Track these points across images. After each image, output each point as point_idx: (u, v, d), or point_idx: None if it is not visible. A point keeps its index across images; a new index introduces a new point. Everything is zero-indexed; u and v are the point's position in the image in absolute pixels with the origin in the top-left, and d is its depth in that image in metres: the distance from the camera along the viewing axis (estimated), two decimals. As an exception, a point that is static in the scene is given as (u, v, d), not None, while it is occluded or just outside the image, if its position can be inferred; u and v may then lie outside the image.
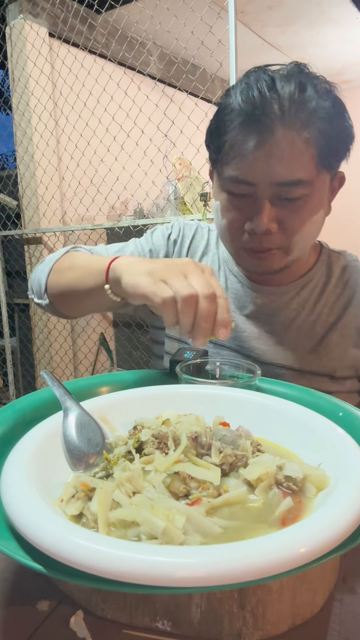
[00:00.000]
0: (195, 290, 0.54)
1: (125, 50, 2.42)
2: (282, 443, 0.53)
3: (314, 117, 0.66)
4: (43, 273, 0.82)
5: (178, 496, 0.42)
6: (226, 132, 0.69)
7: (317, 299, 0.82)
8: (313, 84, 0.67)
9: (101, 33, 2.67)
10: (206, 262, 0.90)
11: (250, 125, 0.66)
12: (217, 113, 0.72)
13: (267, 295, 0.83)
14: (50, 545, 0.33)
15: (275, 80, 0.66)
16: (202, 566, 0.31)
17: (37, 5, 2.52)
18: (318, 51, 3.35)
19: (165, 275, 0.55)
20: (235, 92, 0.68)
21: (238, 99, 0.67)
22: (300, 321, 0.81)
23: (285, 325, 0.82)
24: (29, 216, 2.67)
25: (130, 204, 2.71)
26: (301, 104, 0.65)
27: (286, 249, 0.73)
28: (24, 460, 0.44)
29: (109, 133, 2.37)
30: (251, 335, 0.83)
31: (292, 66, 0.68)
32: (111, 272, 0.64)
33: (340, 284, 0.83)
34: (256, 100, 0.65)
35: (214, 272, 0.85)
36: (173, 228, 0.93)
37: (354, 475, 0.41)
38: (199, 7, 2.00)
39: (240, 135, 0.67)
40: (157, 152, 2.21)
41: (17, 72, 2.54)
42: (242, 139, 0.67)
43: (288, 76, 0.66)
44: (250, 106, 0.66)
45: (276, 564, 0.31)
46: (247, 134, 0.67)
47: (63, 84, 2.48)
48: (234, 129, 0.68)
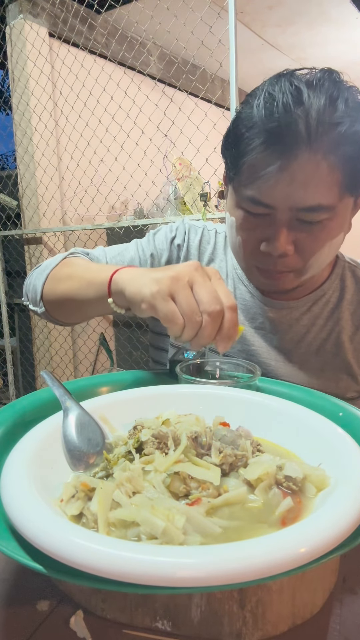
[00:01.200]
0: (201, 306, 0.52)
1: (125, 50, 2.42)
2: (282, 443, 0.53)
3: (342, 140, 0.61)
4: (39, 280, 0.79)
5: (178, 496, 0.42)
6: (246, 150, 0.65)
7: (329, 315, 0.79)
8: (344, 98, 0.61)
9: (101, 33, 2.67)
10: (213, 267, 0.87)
11: (273, 145, 0.62)
12: (237, 123, 0.67)
13: (277, 309, 0.80)
14: (50, 545, 0.33)
15: (302, 93, 0.60)
16: (202, 566, 0.31)
17: (37, 5, 2.52)
18: (318, 51, 3.35)
19: (171, 287, 0.53)
20: (259, 103, 0.62)
21: (261, 112, 0.62)
22: (310, 338, 0.79)
23: (295, 342, 0.79)
24: (29, 216, 2.67)
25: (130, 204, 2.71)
26: (330, 125, 0.60)
27: (300, 271, 0.71)
28: (24, 460, 0.44)
29: (109, 133, 2.37)
30: (259, 349, 0.81)
31: (322, 73, 0.62)
32: (113, 284, 0.61)
33: (355, 301, 0.79)
34: (280, 118, 0.60)
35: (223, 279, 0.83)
36: (178, 231, 0.88)
37: (354, 475, 0.41)
38: (199, 7, 2.00)
39: (261, 155, 0.63)
40: (157, 152, 2.22)
41: (17, 72, 2.54)
42: (263, 160, 0.63)
43: (317, 87, 0.61)
44: (274, 124, 0.61)
45: (276, 564, 0.31)
46: (268, 155, 0.62)
47: (63, 84, 2.48)
48: (255, 148, 0.63)
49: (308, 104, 0.60)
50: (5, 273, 2.83)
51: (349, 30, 3.04)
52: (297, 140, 0.60)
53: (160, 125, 2.10)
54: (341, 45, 3.27)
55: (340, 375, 0.78)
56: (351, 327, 0.79)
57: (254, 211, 0.67)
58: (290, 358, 0.79)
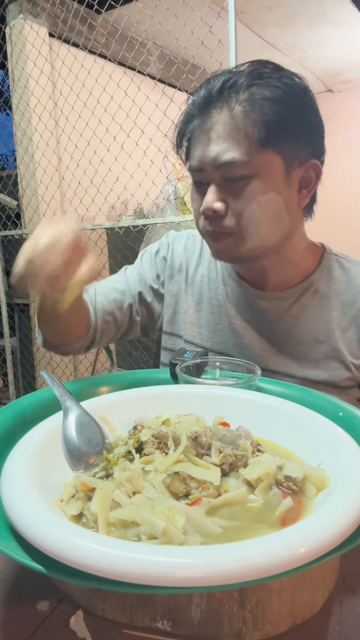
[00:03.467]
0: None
1: (125, 50, 2.42)
2: (282, 443, 0.53)
3: (249, 95, 0.69)
4: None
5: (178, 496, 0.42)
6: (184, 129, 0.76)
7: (319, 304, 0.80)
8: (258, 73, 0.70)
9: (101, 33, 2.67)
10: (202, 273, 0.90)
11: (196, 115, 0.73)
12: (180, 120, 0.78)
13: (267, 300, 0.82)
14: (50, 545, 0.33)
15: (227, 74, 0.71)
16: (202, 566, 0.31)
17: (37, 5, 2.52)
18: (318, 51, 3.35)
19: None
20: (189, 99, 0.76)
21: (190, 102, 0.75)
22: (301, 327, 0.80)
23: (286, 332, 0.81)
24: (29, 216, 2.67)
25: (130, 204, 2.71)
26: (235, 85, 0.69)
27: (239, 233, 0.73)
28: (24, 460, 0.44)
29: (109, 133, 2.37)
30: (252, 342, 0.83)
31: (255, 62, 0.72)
32: None
33: (343, 290, 0.81)
34: (197, 97, 0.73)
35: (212, 280, 0.88)
36: (162, 245, 0.95)
37: (354, 475, 0.41)
38: (199, 7, 2.00)
39: (191, 126, 0.74)
40: (157, 152, 2.21)
41: (17, 72, 2.54)
42: (192, 128, 0.74)
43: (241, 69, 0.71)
44: (194, 104, 0.74)
45: (276, 564, 0.31)
46: (194, 123, 0.74)
47: (63, 84, 2.47)
48: (188, 123, 0.75)
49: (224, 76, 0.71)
50: (5, 273, 2.83)
51: (349, 30, 3.04)
52: (208, 104, 0.71)
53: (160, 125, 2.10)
54: (341, 45, 3.26)
55: (332, 363, 0.79)
56: (341, 315, 0.80)
57: (195, 179, 0.76)
58: (281, 348, 0.81)
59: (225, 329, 0.85)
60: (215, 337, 0.86)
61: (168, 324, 0.92)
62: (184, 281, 0.91)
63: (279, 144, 0.70)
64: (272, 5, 2.67)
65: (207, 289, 0.89)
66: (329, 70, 3.72)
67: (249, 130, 0.68)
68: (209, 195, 0.72)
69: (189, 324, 0.89)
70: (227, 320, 0.85)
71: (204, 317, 0.88)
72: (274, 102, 0.68)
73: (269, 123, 0.68)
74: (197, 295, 0.89)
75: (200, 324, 0.88)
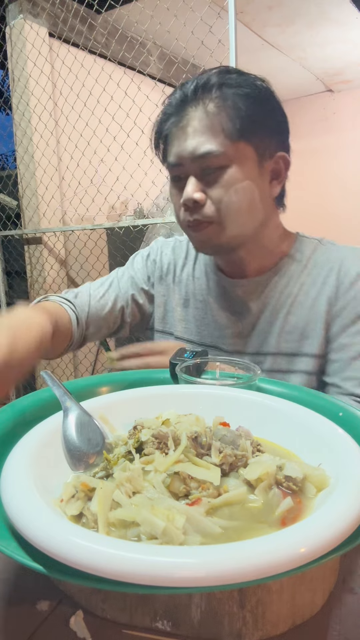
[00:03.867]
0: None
1: (125, 50, 2.42)
2: (282, 443, 0.53)
3: (221, 93, 0.75)
4: None
5: (178, 496, 0.42)
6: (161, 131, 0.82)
7: (288, 282, 0.85)
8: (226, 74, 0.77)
9: (101, 33, 2.67)
10: (188, 272, 0.96)
11: (171, 115, 0.79)
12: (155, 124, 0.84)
13: (243, 286, 0.87)
14: (50, 545, 0.33)
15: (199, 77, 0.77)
16: (202, 566, 0.31)
17: (37, 5, 2.52)
18: (318, 51, 3.36)
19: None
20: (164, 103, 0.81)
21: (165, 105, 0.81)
22: (273, 304, 0.85)
23: (260, 311, 0.86)
24: (29, 216, 2.67)
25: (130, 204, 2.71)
26: (207, 85, 0.76)
27: (219, 222, 0.78)
28: (24, 460, 0.44)
29: (109, 133, 2.37)
30: (235, 331, 0.88)
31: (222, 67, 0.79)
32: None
33: (311, 266, 0.85)
34: (173, 98, 0.79)
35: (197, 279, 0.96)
36: (152, 249, 1.03)
37: (354, 475, 0.41)
38: (199, 7, 2.00)
39: (167, 126, 0.80)
40: (157, 152, 2.21)
41: (17, 72, 2.54)
42: (167, 128, 0.79)
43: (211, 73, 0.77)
44: (169, 105, 0.80)
45: (276, 564, 0.31)
46: (170, 123, 0.79)
47: (63, 84, 2.48)
48: (163, 124, 0.81)
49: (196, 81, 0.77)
50: (5, 273, 2.83)
51: (349, 30, 3.04)
52: (185, 102, 0.77)
53: (160, 125, 2.10)
54: (341, 45, 3.27)
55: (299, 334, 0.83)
56: (307, 289, 0.84)
57: (174, 174, 0.81)
58: (258, 329, 0.86)
59: (210, 322, 0.91)
60: (202, 332, 0.92)
61: (159, 323, 0.98)
62: (172, 281, 0.98)
63: (250, 136, 0.76)
64: (272, 5, 2.67)
65: (192, 286, 0.95)
66: (329, 70, 3.73)
67: (223, 124, 0.74)
68: (188, 187, 0.77)
69: (178, 320, 0.95)
70: (210, 314, 0.91)
71: (191, 313, 0.94)
72: (243, 97, 0.75)
73: (240, 116, 0.75)
74: (184, 293, 0.96)
75: (188, 320, 0.94)
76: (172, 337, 0.96)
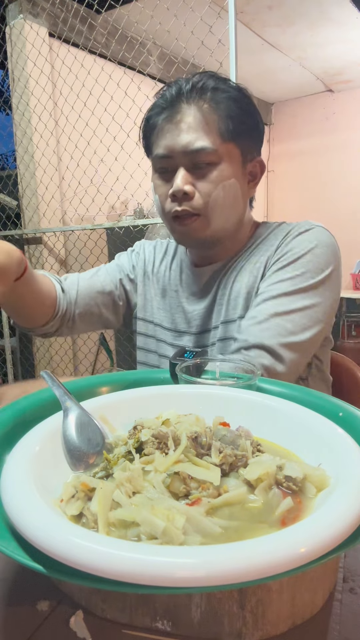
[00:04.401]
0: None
1: (125, 50, 2.42)
2: (282, 443, 0.53)
3: (214, 96, 0.81)
4: None
5: (178, 496, 0.42)
6: (150, 123, 0.86)
7: (248, 258, 0.90)
8: (216, 79, 0.83)
9: (101, 33, 2.67)
10: (165, 265, 1.03)
11: (164, 109, 0.83)
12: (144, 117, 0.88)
13: (208, 272, 0.93)
14: (50, 545, 0.33)
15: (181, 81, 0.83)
16: (202, 566, 0.31)
17: (37, 5, 2.52)
18: (318, 51, 3.36)
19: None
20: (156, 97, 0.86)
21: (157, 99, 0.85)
22: (226, 280, 0.90)
23: (217, 289, 0.91)
24: (29, 216, 2.67)
25: (130, 204, 2.71)
26: (203, 86, 0.82)
27: (205, 215, 0.83)
28: (24, 460, 0.44)
29: (109, 133, 2.37)
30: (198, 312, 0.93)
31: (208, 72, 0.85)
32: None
33: (260, 240, 0.91)
34: (167, 93, 0.83)
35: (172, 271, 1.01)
36: (136, 245, 1.11)
37: (354, 475, 0.41)
38: (199, 7, 2.00)
39: (158, 119, 0.83)
40: (157, 152, 2.21)
41: (17, 72, 2.54)
42: (158, 121, 0.83)
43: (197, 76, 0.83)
44: (162, 98, 0.84)
45: (276, 564, 0.31)
46: (162, 116, 0.83)
47: (63, 84, 2.48)
48: (154, 117, 0.84)
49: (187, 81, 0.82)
50: (5, 273, 2.82)
51: (349, 30, 3.04)
52: (179, 99, 0.81)
53: (160, 125, 2.10)
54: (341, 45, 3.27)
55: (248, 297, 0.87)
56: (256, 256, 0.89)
57: (161, 165, 0.84)
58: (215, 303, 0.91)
59: (180, 310, 0.97)
60: (176, 319, 0.98)
61: (141, 311, 1.04)
62: (151, 273, 1.05)
63: (238, 138, 0.82)
64: (272, 5, 2.67)
65: (168, 279, 1.02)
66: (329, 70, 3.73)
67: (216, 124, 0.80)
68: (178, 179, 0.81)
69: (157, 309, 1.02)
70: (180, 302, 0.98)
71: (167, 303, 1.00)
72: (234, 101, 0.82)
73: (232, 118, 0.81)
74: (161, 284, 1.03)
75: (164, 309, 1.01)
76: (152, 324, 1.02)
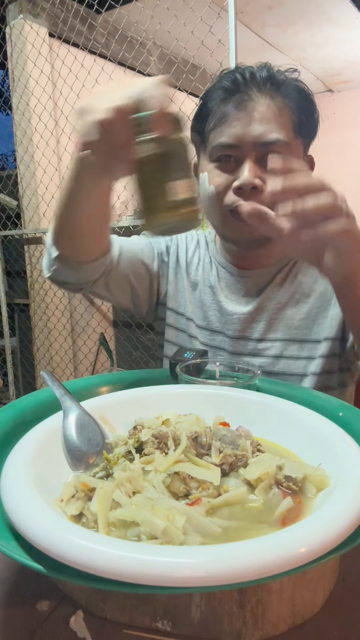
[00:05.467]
0: None
1: (125, 50, 2.42)
2: (282, 443, 0.53)
3: (286, 88, 0.78)
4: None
5: (178, 496, 0.42)
6: (212, 107, 0.80)
7: (297, 270, 0.87)
8: (280, 72, 0.79)
9: (101, 33, 2.66)
10: (198, 257, 0.97)
11: (232, 95, 0.77)
12: (203, 99, 0.83)
13: (253, 276, 0.88)
14: (50, 545, 0.33)
15: (252, 68, 0.79)
16: (202, 566, 0.31)
17: (37, 5, 2.52)
18: (318, 51, 3.35)
19: None
20: (220, 80, 0.80)
21: (221, 82, 0.79)
22: (285, 293, 0.86)
23: (272, 299, 0.87)
24: (29, 216, 2.67)
25: (130, 204, 2.71)
26: (274, 79, 0.78)
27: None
28: (24, 460, 0.44)
29: (109, 133, 2.37)
30: (245, 319, 0.88)
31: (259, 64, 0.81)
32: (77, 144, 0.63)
33: None
34: (237, 78, 0.78)
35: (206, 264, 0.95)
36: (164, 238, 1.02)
37: (354, 475, 0.41)
38: (199, 7, 2.00)
39: (224, 104, 0.78)
40: (157, 152, 2.21)
41: (17, 72, 2.53)
42: (226, 107, 0.77)
43: (259, 67, 0.80)
44: (232, 83, 0.78)
45: (276, 564, 0.31)
46: (230, 103, 0.77)
47: (63, 84, 2.47)
48: (219, 100, 0.78)
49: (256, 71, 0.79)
50: (5, 273, 2.83)
51: (349, 30, 3.04)
52: (250, 88, 0.77)
53: (160, 125, 2.10)
54: (341, 45, 3.26)
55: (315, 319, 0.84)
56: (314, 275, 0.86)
57: (224, 153, 0.78)
58: (272, 316, 0.86)
59: (216, 308, 0.91)
60: (209, 316, 0.92)
61: (172, 300, 0.96)
62: (184, 262, 0.98)
63: (304, 134, 0.79)
64: (272, 5, 2.67)
65: (201, 272, 0.95)
66: (329, 70, 3.72)
67: (289, 117, 0.77)
68: (246, 172, 0.75)
69: (189, 302, 0.95)
70: (217, 300, 0.91)
71: (198, 297, 0.94)
72: (304, 95, 0.79)
73: (303, 113, 0.78)
74: (193, 277, 0.96)
75: (195, 304, 0.94)
76: (184, 317, 0.95)
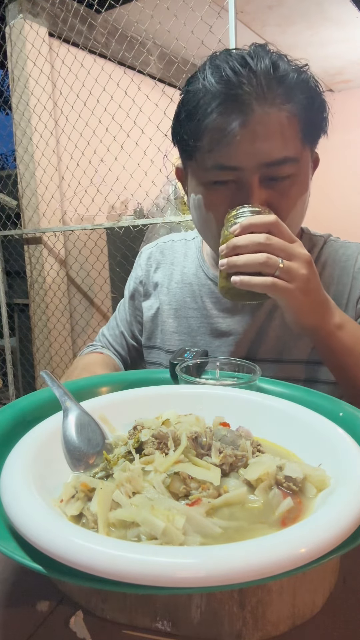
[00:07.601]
0: None
1: (125, 50, 2.42)
2: (282, 443, 0.53)
3: (293, 90, 0.62)
4: None
5: (178, 496, 0.42)
6: (203, 118, 0.63)
7: None
8: (283, 60, 0.64)
9: (101, 33, 2.66)
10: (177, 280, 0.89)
11: (229, 105, 0.61)
12: (186, 101, 0.66)
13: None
14: (50, 545, 0.33)
15: (246, 58, 0.62)
16: (202, 566, 0.31)
17: (37, 5, 2.52)
18: (318, 51, 3.35)
19: None
20: (205, 75, 0.63)
21: (210, 80, 0.62)
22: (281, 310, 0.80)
23: (268, 314, 0.79)
24: (28, 216, 2.67)
25: (130, 203, 2.71)
26: (278, 78, 0.61)
27: None
28: (24, 460, 0.44)
29: (109, 133, 2.37)
30: (238, 337, 0.81)
31: (255, 47, 0.65)
32: None
33: (319, 265, 0.79)
34: (231, 79, 0.61)
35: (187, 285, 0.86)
36: (136, 265, 0.96)
37: (354, 475, 0.41)
38: (199, 7, 2.00)
39: (220, 118, 0.62)
40: (157, 152, 2.21)
41: (17, 72, 2.53)
42: (222, 121, 0.62)
43: (257, 54, 0.63)
44: (226, 86, 0.61)
45: (276, 564, 0.31)
46: (227, 116, 0.61)
47: (63, 84, 2.47)
48: (212, 112, 0.62)
49: (254, 65, 0.61)
50: (5, 273, 2.83)
51: (349, 30, 3.04)
52: (250, 95, 0.61)
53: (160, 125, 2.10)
54: (341, 45, 3.26)
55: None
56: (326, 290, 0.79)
57: (222, 178, 0.65)
58: (267, 332, 0.79)
59: (206, 331, 0.83)
60: (199, 342, 0.84)
61: (147, 339, 0.92)
62: (162, 293, 0.90)
63: (312, 139, 0.67)
64: (272, 5, 2.67)
65: (183, 294, 0.86)
66: (329, 70, 3.72)
67: (297, 127, 0.63)
68: (254, 199, 0.64)
69: (170, 333, 0.87)
70: (207, 322, 0.83)
71: (184, 324, 0.86)
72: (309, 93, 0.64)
73: (309, 117, 0.64)
74: (174, 303, 0.87)
75: (180, 332, 0.86)
76: (162, 351, 0.89)
